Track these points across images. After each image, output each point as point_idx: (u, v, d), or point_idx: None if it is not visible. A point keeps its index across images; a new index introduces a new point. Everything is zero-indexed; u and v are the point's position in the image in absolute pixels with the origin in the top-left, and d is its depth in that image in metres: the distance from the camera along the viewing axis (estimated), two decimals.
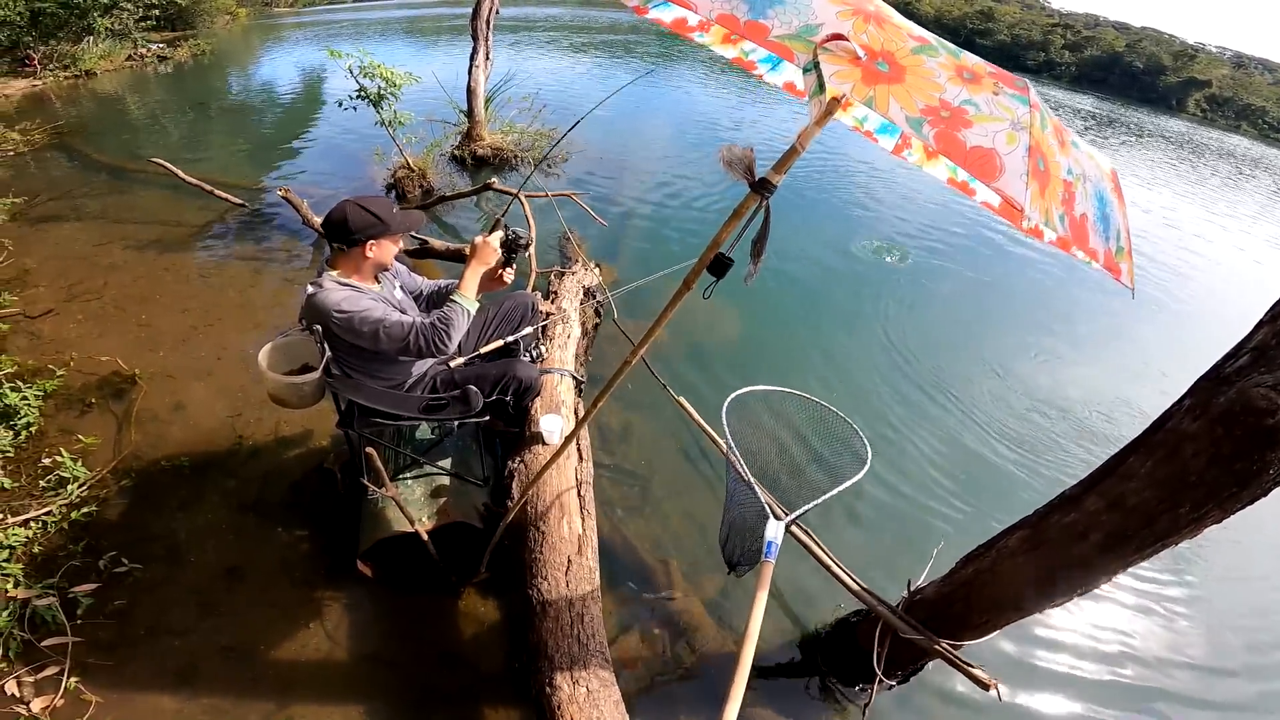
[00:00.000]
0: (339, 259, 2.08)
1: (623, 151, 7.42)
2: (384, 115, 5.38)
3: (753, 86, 12.07)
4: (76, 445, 2.81)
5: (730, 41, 1.57)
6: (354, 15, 21.75)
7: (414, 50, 14.08)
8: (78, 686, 2.02)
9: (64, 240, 4.62)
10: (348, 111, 5.49)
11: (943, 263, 5.64)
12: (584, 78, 11.58)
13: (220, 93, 10.03)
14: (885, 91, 1.00)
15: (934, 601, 1.96)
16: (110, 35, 11.14)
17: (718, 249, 1.34)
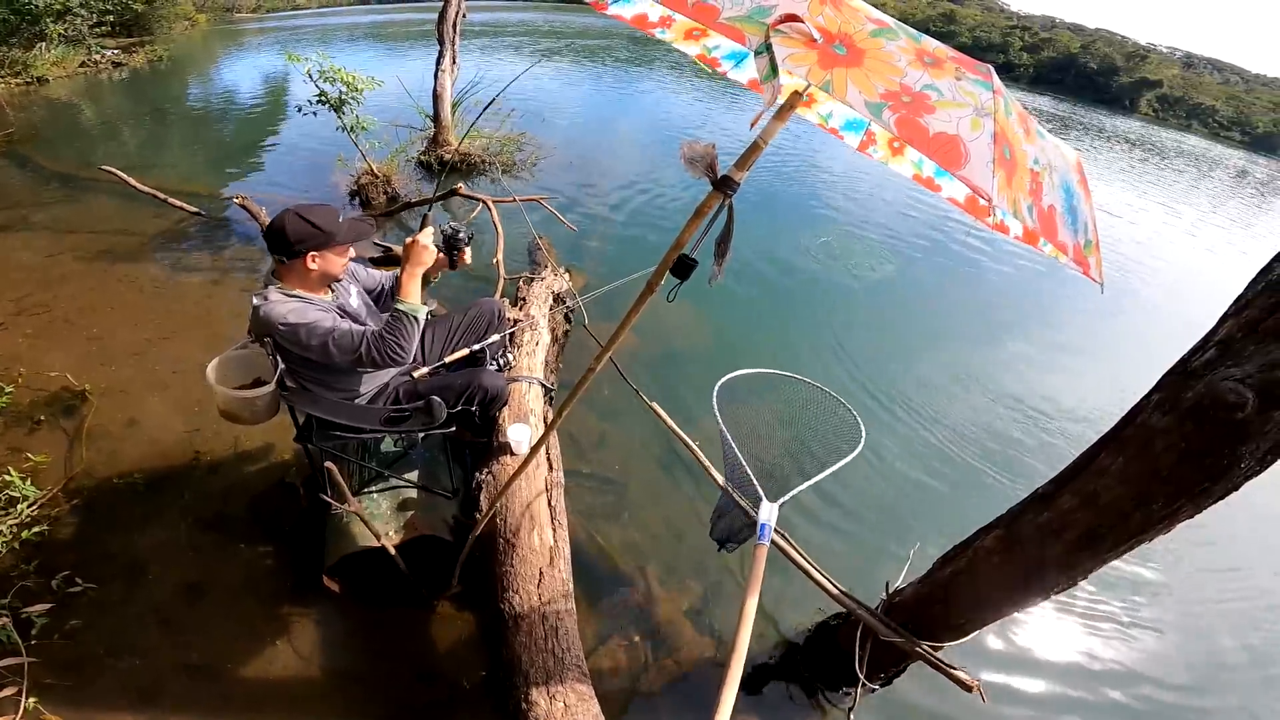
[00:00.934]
0: (283, 271, 1.97)
1: (592, 156, 7.39)
2: (346, 120, 5.29)
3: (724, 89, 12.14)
4: (26, 464, 2.69)
5: (692, 38, 1.53)
6: (319, 21, 21.45)
7: (381, 55, 13.92)
8: (36, 707, 1.95)
9: (11, 251, 4.42)
10: (309, 117, 5.39)
11: (908, 263, 5.71)
12: (553, 83, 11.53)
13: (178, 99, 9.78)
14: (843, 75, 0.96)
15: (913, 603, 1.96)
16: (64, 41, 10.79)
17: (680, 250, 1.30)
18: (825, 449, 1.93)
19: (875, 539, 2.87)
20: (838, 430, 1.97)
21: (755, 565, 1.58)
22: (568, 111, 9.45)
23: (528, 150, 6.99)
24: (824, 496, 2.96)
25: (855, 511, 3.00)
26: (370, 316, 2.20)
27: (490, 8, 21.66)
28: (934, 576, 1.90)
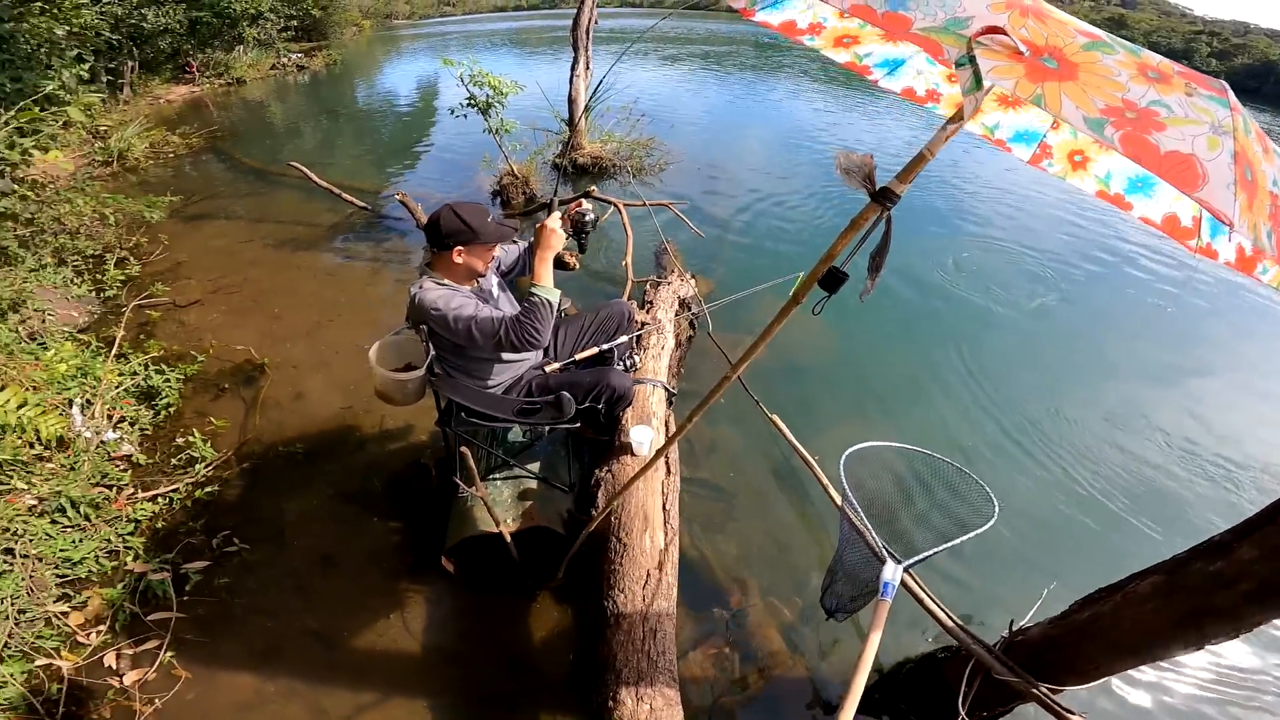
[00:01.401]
0: (435, 260, 2.14)
1: (719, 162, 7.34)
2: (491, 123, 5.59)
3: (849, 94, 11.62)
4: (208, 427, 3.06)
5: (842, 45, 1.48)
6: (463, 27, 22.97)
7: (518, 60, 14.67)
8: (171, 661, 2.13)
9: (212, 237, 5.13)
10: (459, 119, 5.74)
11: (1062, 286, 5.13)
12: (679, 88, 11.60)
13: (348, 100, 10.86)
14: (1055, 89, 0.90)
15: (1038, 643, 1.85)
16: (257, 45, 12.37)
17: (831, 262, 1.27)
18: (957, 518, 1.90)
19: (996, 577, 2.66)
20: (970, 500, 1.93)
21: (876, 619, 1.57)
22: (694, 117, 9.46)
23: (656, 155, 7.07)
24: None
25: (979, 547, 2.78)
26: (507, 303, 2.33)
27: (620, 14, 22.18)
28: (1069, 618, 1.79)
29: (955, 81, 1.47)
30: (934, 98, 1.50)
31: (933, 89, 1.50)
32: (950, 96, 1.48)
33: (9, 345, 2.98)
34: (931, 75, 1.48)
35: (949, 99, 1.49)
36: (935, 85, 1.50)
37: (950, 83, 1.48)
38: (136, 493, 2.67)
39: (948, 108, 1.48)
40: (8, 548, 2.26)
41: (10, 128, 3.04)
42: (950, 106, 1.48)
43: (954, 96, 1.47)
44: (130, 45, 9.08)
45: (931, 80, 1.49)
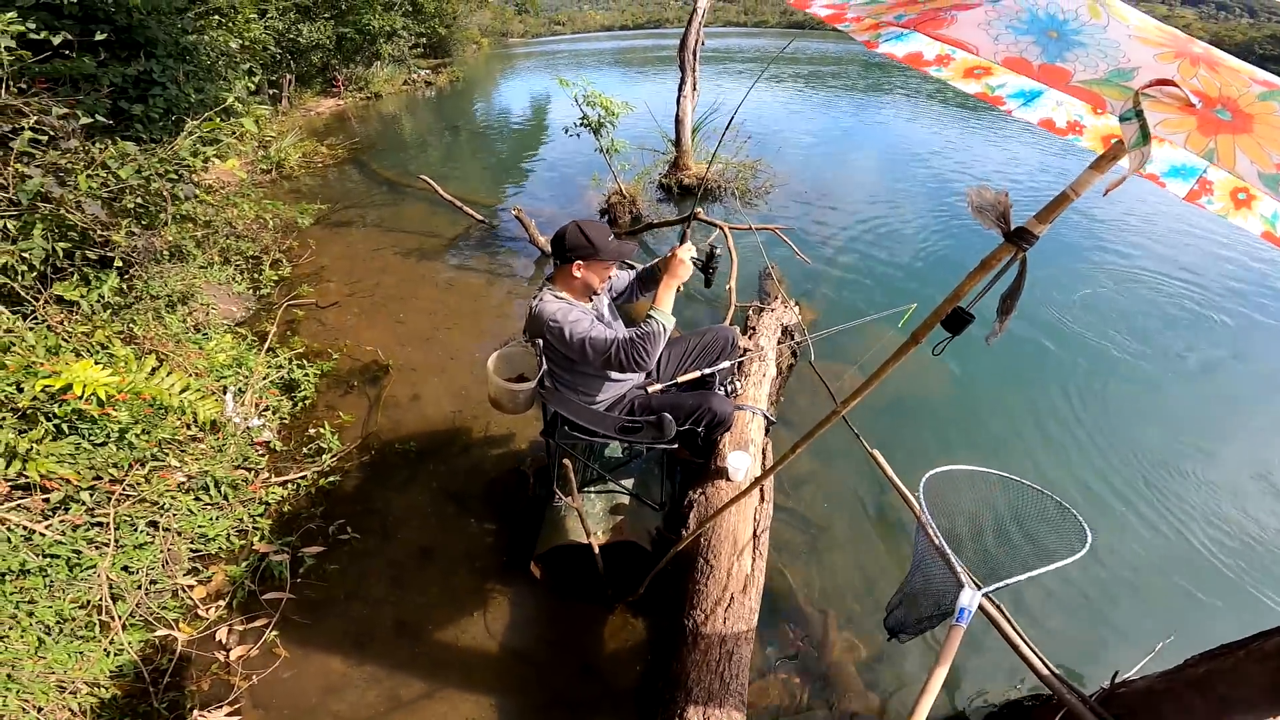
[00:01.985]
0: (557, 274, 2.24)
1: (827, 186, 7.18)
2: (602, 142, 5.73)
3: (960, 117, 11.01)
4: (336, 420, 3.32)
5: (973, 76, 1.43)
6: (572, 46, 23.85)
7: (623, 78, 15.00)
8: (275, 640, 2.26)
9: (351, 243, 5.62)
10: (566, 136, 5.95)
11: (1205, 333, 4.61)
12: (785, 110, 11.46)
13: (468, 116, 11.55)
14: (1229, 143, 0.84)
15: (1141, 697, 1.75)
16: (392, 61, 13.44)
17: (957, 302, 1.22)
18: (1041, 546, 1.81)
19: (1096, 629, 2.46)
20: (1058, 530, 1.83)
21: (948, 645, 1.53)
22: (801, 139, 9.31)
23: (762, 177, 7.02)
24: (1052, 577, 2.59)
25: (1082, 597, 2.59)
26: (616, 324, 2.39)
27: (725, 34, 22.26)
28: (1181, 674, 1.68)
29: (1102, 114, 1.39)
30: (1076, 129, 1.42)
31: (1075, 120, 1.42)
32: (1095, 129, 1.40)
33: (177, 334, 3.33)
34: (1074, 106, 1.40)
35: (1093, 132, 1.40)
36: (1078, 117, 1.41)
37: (1095, 114, 1.41)
38: (270, 477, 2.92)
39: (1091, 141, 1.39)
40: (153, 520, 2.47)
41: (195, 136, 3.35)
42: (1095, 140, 1.39)
43: (1100, 129, 1.38)
44: (289, 59, 10.12)
45: (1074, 111, 1.41)
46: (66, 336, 2.73)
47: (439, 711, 2.11)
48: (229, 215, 4.59)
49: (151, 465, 2.59)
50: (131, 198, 3.03)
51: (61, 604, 2.11)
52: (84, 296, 2.86)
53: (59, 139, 2.83)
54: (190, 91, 3.92)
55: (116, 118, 3.42)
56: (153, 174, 3.02)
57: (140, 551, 2.37)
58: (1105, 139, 1.36)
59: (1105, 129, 1.37)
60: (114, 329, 2.95)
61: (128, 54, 3.65)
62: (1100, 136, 1.37)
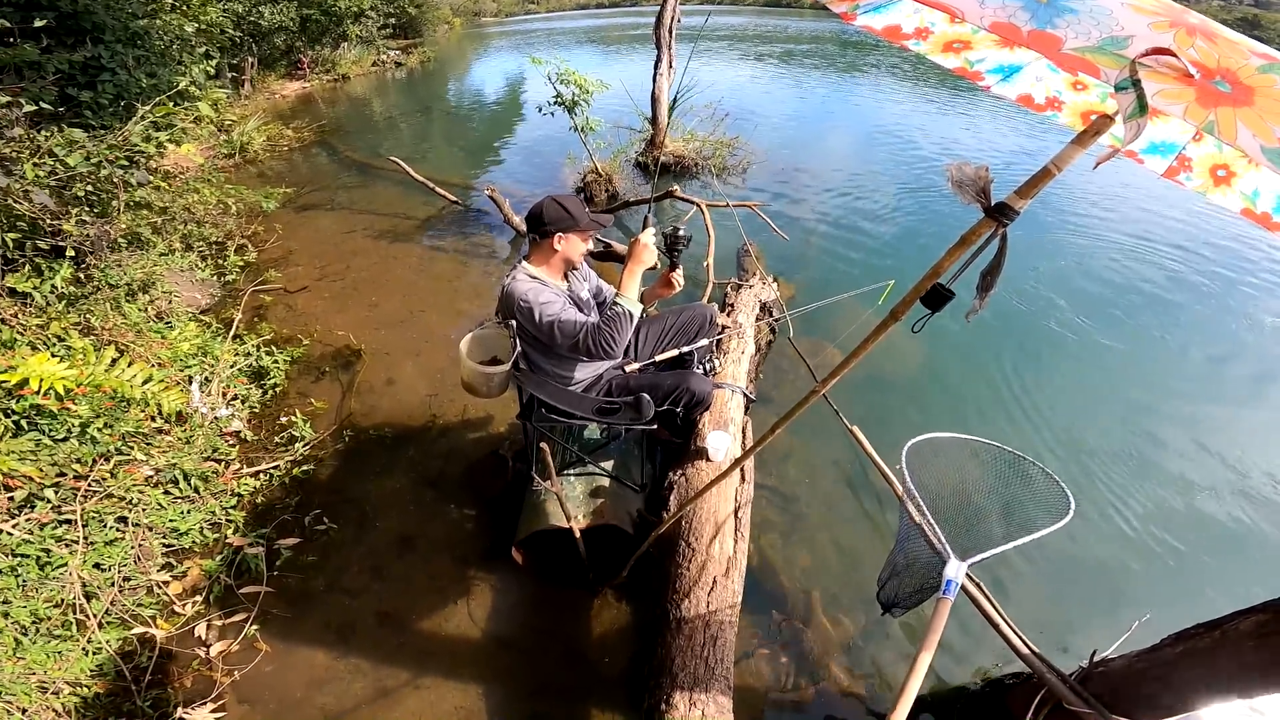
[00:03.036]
0: (533, 251, 2.21)
1: (804, 163, 7.15)
2: (577, 121, 5.67)
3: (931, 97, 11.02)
4: (309, 408, 3.26)
5: (952, 50, 1.41)
6: (547, 25, 23.41)
7: (600, 57, 14.79)
8: (255, 634, 2.24)
9: (320, 227, 5.48)
10: (540, 116, 5.86)
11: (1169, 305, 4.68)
12: (761, 88, 11.38)
13: (440, 97, 11.30)
14: (1230, 115, 0.83)
15: (1120, 676, 1.78)
16: (360, 42, 13.09)
17: (936, 278, 1.21)
18: (1025, 516, 1.81)
19: (1074, 605, 2.51)
20: (1041, 498, 1.83)
21: (935, 619, 1.52)
22: (777, 116, 9.26)
23: (739, 154, 6.98)
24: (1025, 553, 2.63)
25: (1059, 573, 2.63)
26: (594, 312, 2.36)
27: (701, 11, 21.97)
28: (1159, 653, 1.71)
29: (1081, 89, 1.38)
30: (1054, 105, 1.40)
31: (1053, 96, 1.40)
32: (1074, 105, 1.38)
33: (138, 324, 3.23)
34: (1053, 82, 1.38)
35: (1072, 108, 1.39)
36: (1057, 93, 1.39)
37: (1075, 90, 1.39)
38: (242, 468, 2.85)
39: (1070, 117, 1.38)
40: (122, 516, 2.42)
41: (146, 122, 3.26)
42: (1073, 116, 1.38)
43: (1079, 105, 1.37)
44: (250, 42, 9.80)
45: (1053, 87, 1.39)
46: (21, 330, 2.64)
47: (426, 700, 2.10)
48: (188, 201, 4.44)
49: (116, 460, 2.52)
50: (81, 185, 2.93)
51: (35, 604, 2.06)
52: (36, 288, 2.77)
53: (2, 128, 2.74)
54: (142, 77, 3.82)
55: (65, 104, 3.32)
56: (103, 160, 2.93)
57: (111, 548, 2.31)
58: (1084, 115, 1.34)
59: (1084, 105, 1.35)
60: (70, 320, 2.86)
61: (74, 40, 3.54)
62: (1079, 113, 1.35)
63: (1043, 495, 1.83)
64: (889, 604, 1.95)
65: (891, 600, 1.93)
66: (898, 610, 1.93)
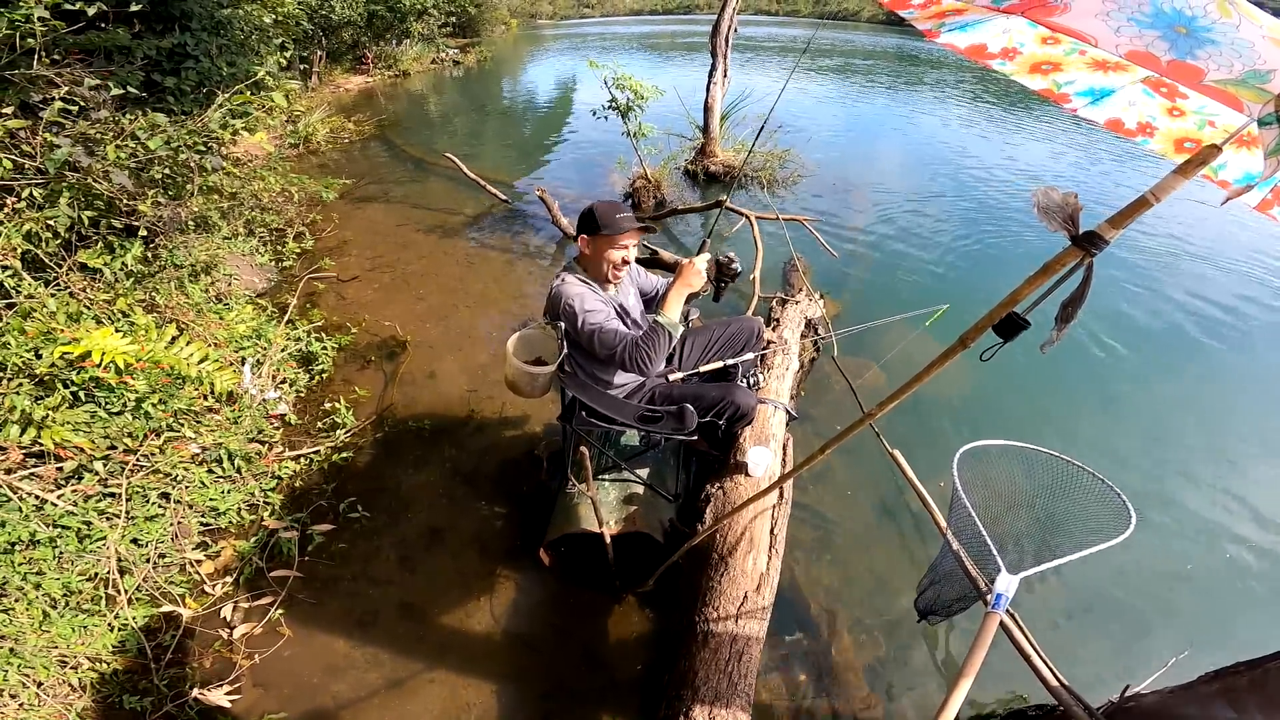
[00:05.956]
0: (582, 256, 2.22)
1: (856, 179, 7.01)
2: (630, 126, 5.67)
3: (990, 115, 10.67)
4: (352, 395, 3.31)
5: (1040, 72, 1.36)
6: (601, 29, 23.63)
7: (651, 63, 14.83)
8: (280, 619, 2.25)
9: (375, 218, 5.62)
10: (597, 120, 5.88)
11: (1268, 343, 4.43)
12: (816, 101, 11.23)
13: (495, 96, 11.51)
14: None
15: (1150, 712, 1.71)
16: (421, 39, 13.43)
17: (1013, 307, 1.15)
18: (1081, 530, 1.73)
19: (1119, 638, 2.40)
20: (1099, 512, 1.75)
21: (982, 634, 1.49)
22: (831, 131, 9.12)
23: (790, 167, 6.89)
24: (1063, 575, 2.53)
25: (1103, 601, 2.52)
26: (641, 318, 2.36)
27: (757, 22, 21.87)
28: (1194, 689, 1.64)
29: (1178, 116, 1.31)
30: (1146, 131, 1.34)
31: (1146, 122, 1.34)
32: (1168, 133, 1.32)
33: (199, 304, 3.34)
34: (1148, 107, 1.32)
35: (1165, 134, 1.32)
36: (1150, 119, 1.33)
37: (1170, 117, 1.32)
38: (284, 451, 2.90)
39: (1163, 144, 1.31)
40: (165, 492, 2.45)
41: (225, 109, 3.35)
42: (1166, 143, 1.31)
43: (1173, 133, 1.31)
44: (320, 35, 10.14)
45: (1146, 113, 1.33)
46: (88, 304, 2.73)
47: (439, 695, 2.10)
48: (255, 188, 4.60)
49: (167, 436, 2.59)
50: (159, 168, 3.03)
51: (69, 576, 2.08)
52: (107, 264, 2.86)
53: (90, 109, 2.84)
54: (223, 65, 3.93)
55: (149, 89, 3.43)
56: (181, 145, 3.02)
57: (150, 524, 2.35)
58: (1178, 142, 1.29)
59: (1179, 132, 1.29)
60: (136, 297, 2.96)
61: (163, 27, 3.66)
62: (1172, 140, 1.29)
63: (1101, 508, 1.76)
64: (926, 611, 1.91)
65: (929, 607, 1.90)
66: (935, 618, 1.90)
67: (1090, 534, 1.69)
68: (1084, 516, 1.76)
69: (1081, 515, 1.76)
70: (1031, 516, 1.83)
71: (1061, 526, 1.77)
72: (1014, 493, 1.88)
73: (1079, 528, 1.74)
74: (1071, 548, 1.66)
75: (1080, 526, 1.74)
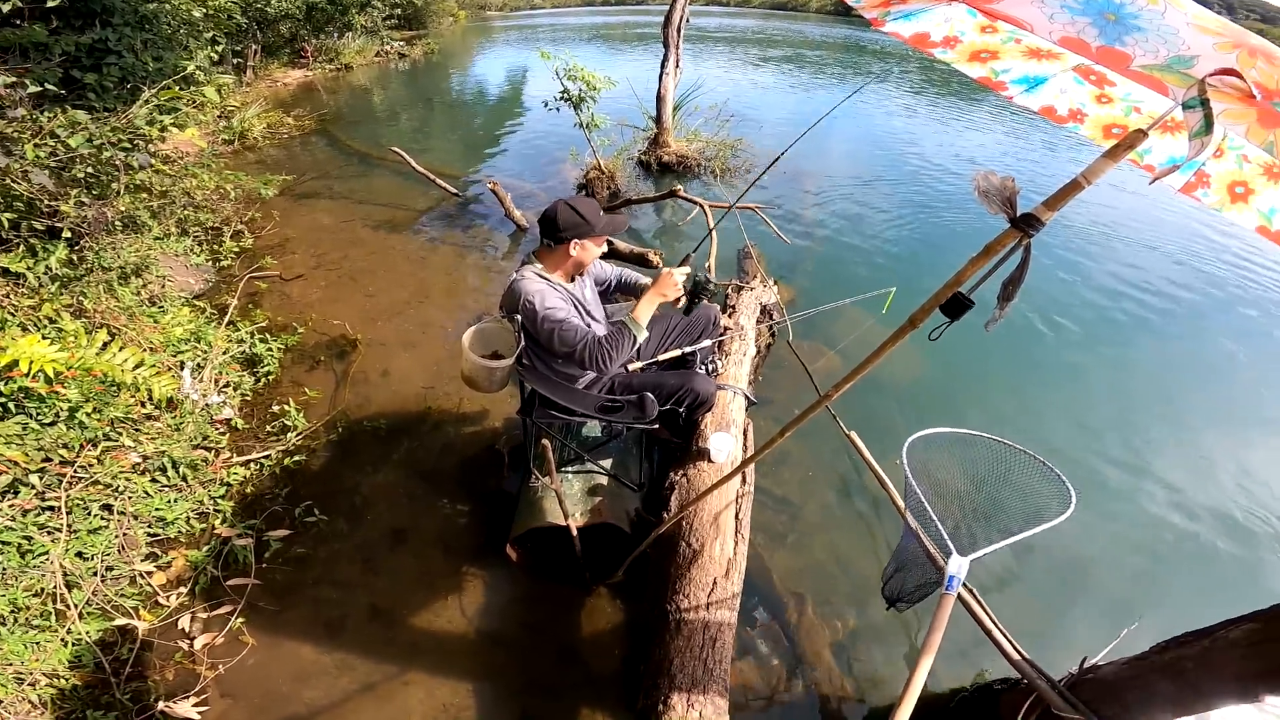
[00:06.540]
0: (544, 253, 2.17)
1: (807, 167, 7.13)
2: (582, 117, 5.63)
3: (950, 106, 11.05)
4: (301, 397, 3.21)
5: (979, 60, 1.40)
6: (551, 20, 23.37)
7: (603, 54, 14.77)
8: (241, 628, 2.19)
9: (318, 215, 5.43)
10: (543, 111, 5.86)
11: (1179, 318, 4.71)
12: (765, 91, 11.37)
13: (443, 89, 11.25)
14: None
15: (1109, 683, 1.76)
16: (364, 32, 13.02)
17: (958, 287, 1.20)
18: (1027, 511, 1.81)
19: (1072, 610, 2.52)
20: (1043, 493, 1.83)
21: (938, 616, 1.51)
22: (782, 120, 9.26)
23: (742, 156, 6.96)
24: (1023, 554, 2.65)
25: (1055, 575, 2.64)
26: (596, 308, 2.34)
27: (709, 13, 21.99)
28: (1148, 659, 1.70)
29: (1105, 103, 1.37)
30: (1077, 118, 1.40)
31: (1077, 109, 1.40)
32: (1097, 119, 1.38)
33: (131, 308, 3.18)
34: (1078, 94, 1.38)
35: (1094, 121, 1.38)
36: (1080, 105, 1.39)
37: (1099, 104, 1.38)
38: (232, 457, 2.80)
39: (1092, 130, 1.38)
40: (107, 504, 2.35)
41: (151, 105, 3.22)
42: (1095, 129, 1.37)
43: (1101, 119, 1.37)
44: (255, 29, 9.72)
45: (1076, 100, 1.39)
46: (12, 310, 2.59)
47: (415, 697, 2.07)
48: (187, 185, 4.40)
49: (104, 445, 2.47)
50: (82, 167, 2.88)
51: (14, 593, 2.00)
52: (30, 268, 2.71)
53: (5, 108, 2.71)
54: (148, 60, 3.79)
55: (69, 86, 3.29)
56: (105, 143, 2.88)
57: (94, 536, 2.25)
58: (1106, 128, 1.34)
59: (1107, 118, 1.36)
60: (63, 302, 2.81)
61: (82, 22, 3.51)
62: (1101, 126, 1.35)
63: (1044, 489, 1.83)
64: (893, 599, 1.95)
65: (896, 595, 1.94)
66: (902, 605, 1.93)
67: (1035, 514, 1.76)
68: (1028, 498, 1.83)
69: (1026, 497, 1.83)
70: (979, 500, 1.89)
71: (1008, 508, 1.83)
72: (962, 478, 1.94)
73: (1024, 509, 1.80)
74: (1018, 528, 1.73)
75: (1025, 508, 1.80)
